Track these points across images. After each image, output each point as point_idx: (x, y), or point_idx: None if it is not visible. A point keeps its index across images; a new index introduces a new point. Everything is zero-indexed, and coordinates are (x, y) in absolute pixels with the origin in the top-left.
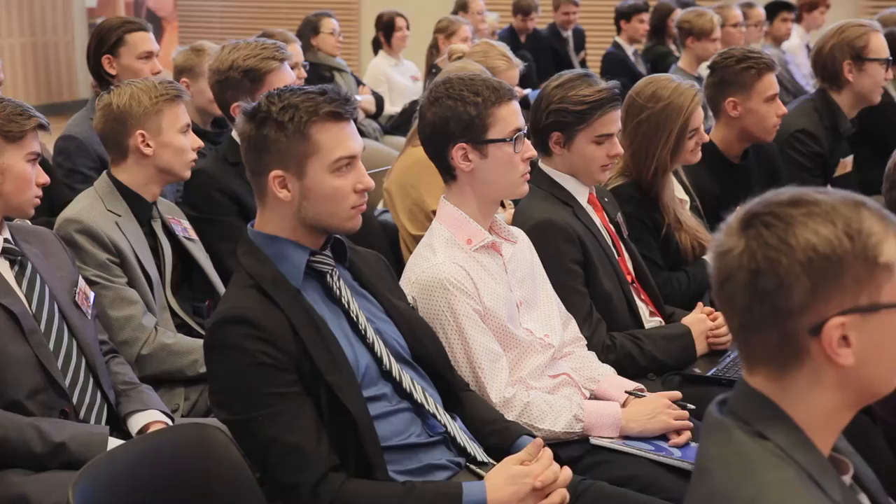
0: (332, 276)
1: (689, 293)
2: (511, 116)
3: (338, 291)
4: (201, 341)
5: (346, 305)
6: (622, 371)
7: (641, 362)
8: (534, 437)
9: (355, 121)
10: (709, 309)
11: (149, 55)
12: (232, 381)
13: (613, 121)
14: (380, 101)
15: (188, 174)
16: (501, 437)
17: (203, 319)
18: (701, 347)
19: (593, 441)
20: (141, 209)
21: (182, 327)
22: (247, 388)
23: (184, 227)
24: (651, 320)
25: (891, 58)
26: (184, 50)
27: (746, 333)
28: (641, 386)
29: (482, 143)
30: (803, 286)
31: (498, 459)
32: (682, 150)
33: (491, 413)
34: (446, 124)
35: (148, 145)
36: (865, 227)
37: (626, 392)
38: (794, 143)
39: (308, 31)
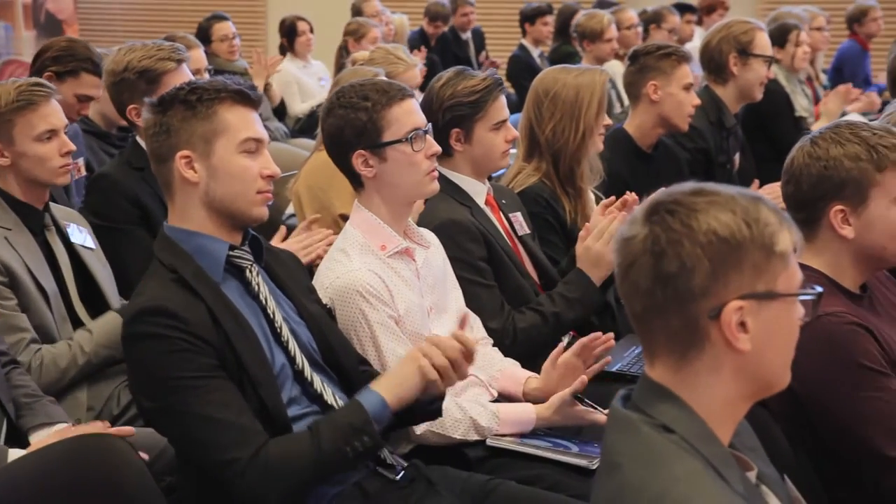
0: (251, 271)
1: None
2: (405, 116)
3: (256, 287)
4: (66, 341)
5: (264, 302)
6: (538, 344)
7: (549, 324)
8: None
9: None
10: (583, 234)
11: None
12: (155, 368)
13: (504, 105)
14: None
15: (63, 180)
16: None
17: None
18: (598, 273)
19: (490, 443)
20: (32, 219)
21: None
22: (171, 373)
23: (83, 235)
24: None
25: (773, 56)
26: None
27: (649, 319)
28: (535, 375)
29: (379, 146)
30: (704, 269)
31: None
32: (597, 125)
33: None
34: (342, 133)
35: (4, 156)
36: (763, 217)
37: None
38: (680, 138)
39: (201, 38)
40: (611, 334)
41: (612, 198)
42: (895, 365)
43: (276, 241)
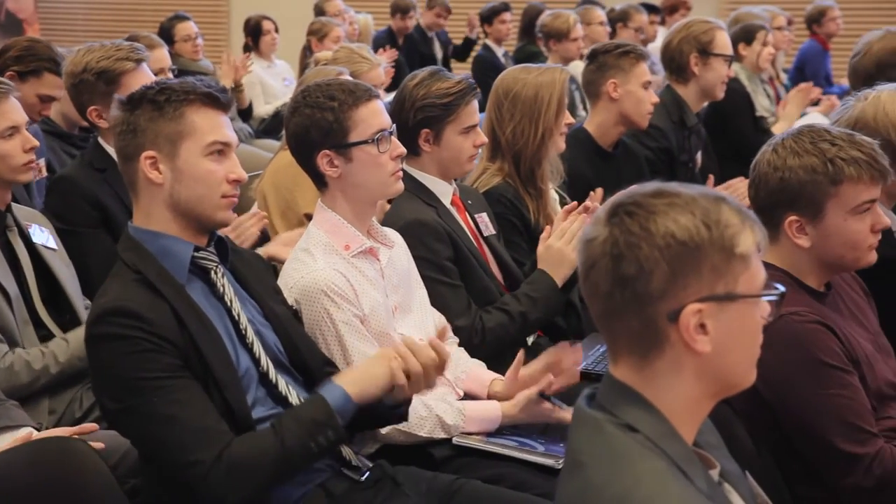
0: (216, 272)
1: None
2: (372, 117)
3: (221, 289)
4: (41, 348)
5: (229, 304)
6: (506, 343)
7: (516, 323)
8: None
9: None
10: (545, 234)
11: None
12: (118, 369)
13: (476, 110)
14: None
15: (26, 177)
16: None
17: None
18: (560, 273)
19: (456, 441)
20: None
21: (48, 338)
22: (135, 373)
23: (45, 236)
24: None
25: (733, 55)
26: None
27: (610, 320)
28: (500, 377)
29: (344, 147)
30: (662, 272)
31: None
32: (557, 125)
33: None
34: (307, 133)
35: None
36: (723, 219)
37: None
38: (642, 138)
39: (164, 38)
40: (579, 346)
41: (575, 203)
42: (857, 362)
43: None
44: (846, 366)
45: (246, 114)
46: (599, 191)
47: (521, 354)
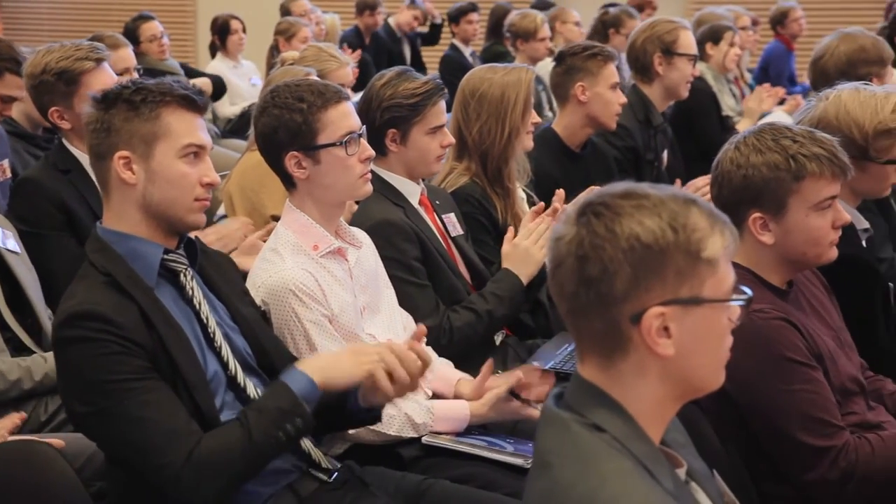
0: (185, 275)
1: None
2: (341, 119)
3: (190, 292)
4: (18, 361)
5: (198, 307)
6: (474, 342)
7: (483, 322)
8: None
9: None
10: (510, 234)
11: None
12: (86, 372)
13: (443, 111)
14: (217, 82)
15: None
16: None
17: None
18: (525, 271)
19: (425, 441)
20: None
21: (12, 341)
22: (103, 376)
23: (7, 240)
24: None
25: (697, 54)
26: None
27: (575, 320)
28: (467, 377)
29: (313, 149)
30: (625, 274)
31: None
32: (524, 124)
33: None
34: (275, 134)
35: None
36: (691, 223)
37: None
38: (609, 137)
39: (129, 39)
40: (552, 375)
41: (542, 204)
42: (820, 358)
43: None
44: (810, 361)
45: (217, 93)
46: (561, 192)
47: (489, 364)
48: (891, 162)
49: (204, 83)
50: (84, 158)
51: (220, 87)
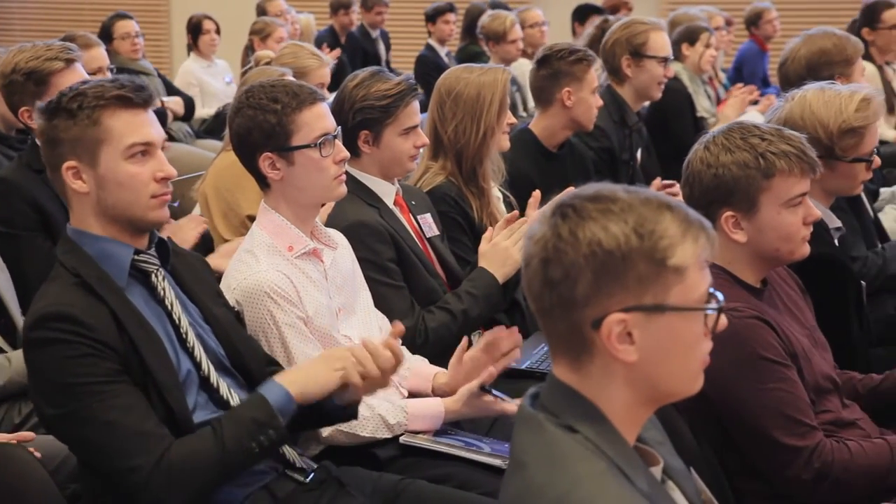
0: (156, 275)
1: None
2: (315, 120)
3: (162, 292)
4: None
5: (170, 308)
6: (449, 342)
7: (458, 322)
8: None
9: (163, 117)
10: (488, 234)
11: None
12: (57, 374)
13: (416, 111)
14: (189, 103)
15: None
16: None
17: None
18: (502, 271)
19: (403, 441)
20: None
21: None
22: (73, 379)
23: None
24: None
25: (670, 56)
26: None
27: (543, 320)
28: (443, 370)
29: (287, 150)
30: (586, 279)
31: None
32: (499, 125)
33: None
34: (249, 134)
35: None
36: (659, 229)
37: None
38: (584, 138)
39: (104, 36)
40: (515, 328)
41: (516, 213)
42: (795, 356)
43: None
44: (784, 360)
45: (188, 113)
46: (537, 193)
47: (464, 341)
48: (858, 160)
49: (176, 103)
50: None
51: (190, 108)
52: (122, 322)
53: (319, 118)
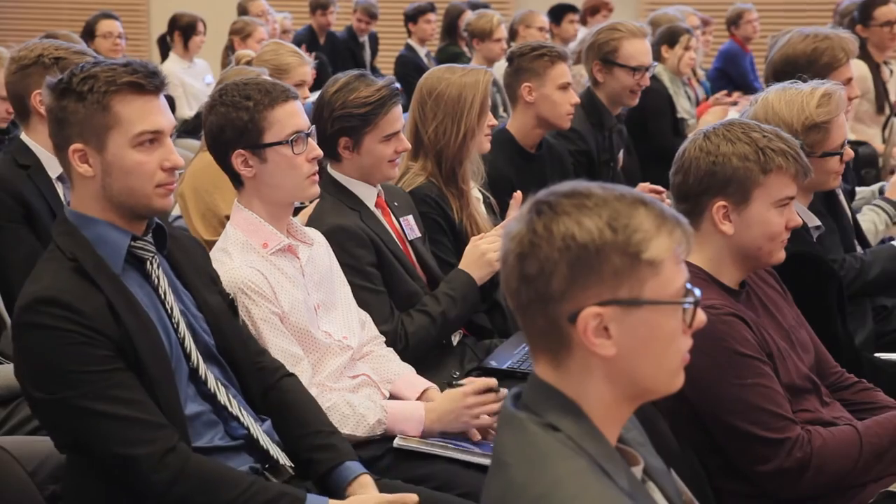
0: (152, 263)
1: None
2: (288, 118)
3: (156, 280)
4: None
5: (163, 296)
6: (428, 346)
7: (437, 324)
8: (360, 463)
9: (172, 102)
10: (475, 238)
11: None
12: (49, 360)
13: (398, 117)
14: (170, 103)
15: None
16: (326, 454)
17: None
18: (479, 273)
19: (397, 444)
20: None
21: None
22: (67, 366)
23: None
24: None
25: (644, 65)
26: None
27: (521, 317)
28: (434, 386)
29: (259, 147)
30: (561, 274)
31: (319, 477)
32: (480, 126)
33: (314, 416)
34: (222, 132)
35: None
36: (633, 223)
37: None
38: (562, 141)
39: (86, 34)
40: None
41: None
42: (770, 356)
43: None
44: (761, 356)
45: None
46: (518, 195)
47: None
48: (827, 154)
49: None
50: (43, 154)
51: (170, 106)
52: (117, 311)
53: (292, 115)
